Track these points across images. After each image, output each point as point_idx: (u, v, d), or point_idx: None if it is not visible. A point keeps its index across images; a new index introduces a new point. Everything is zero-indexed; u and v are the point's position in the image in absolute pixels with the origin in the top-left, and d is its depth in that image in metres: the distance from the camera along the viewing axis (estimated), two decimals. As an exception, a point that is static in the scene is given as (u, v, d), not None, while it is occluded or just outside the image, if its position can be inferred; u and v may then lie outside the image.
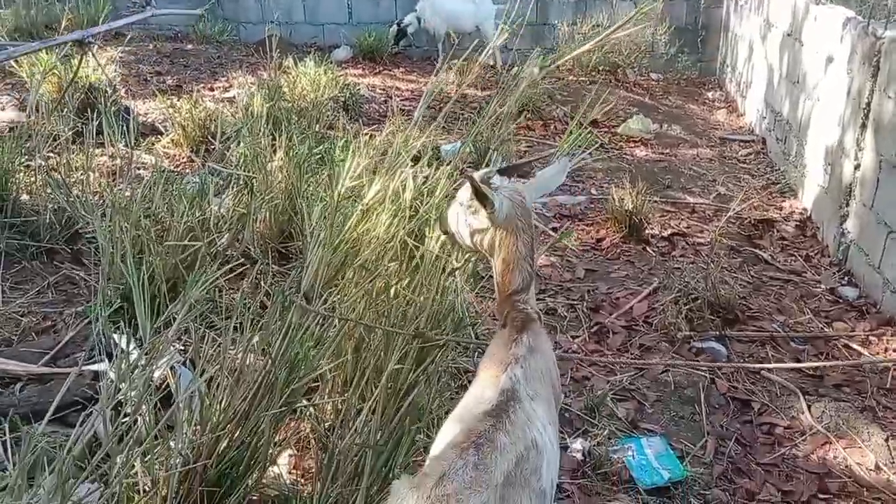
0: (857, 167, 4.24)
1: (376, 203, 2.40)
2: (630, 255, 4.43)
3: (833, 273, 4.26)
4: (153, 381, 2.27)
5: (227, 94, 6.91)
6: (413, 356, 2.31)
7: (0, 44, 4.16)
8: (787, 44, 5.95)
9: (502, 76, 7.94)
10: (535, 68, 7.13)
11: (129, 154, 3.68)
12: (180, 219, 3.25)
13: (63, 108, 4.64)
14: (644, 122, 6.75)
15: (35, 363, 2.82)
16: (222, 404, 2.09)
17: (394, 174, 2.43)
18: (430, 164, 3.19)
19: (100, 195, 3.80)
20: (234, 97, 6.45)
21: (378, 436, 2.11)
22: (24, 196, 3.86)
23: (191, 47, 8.95)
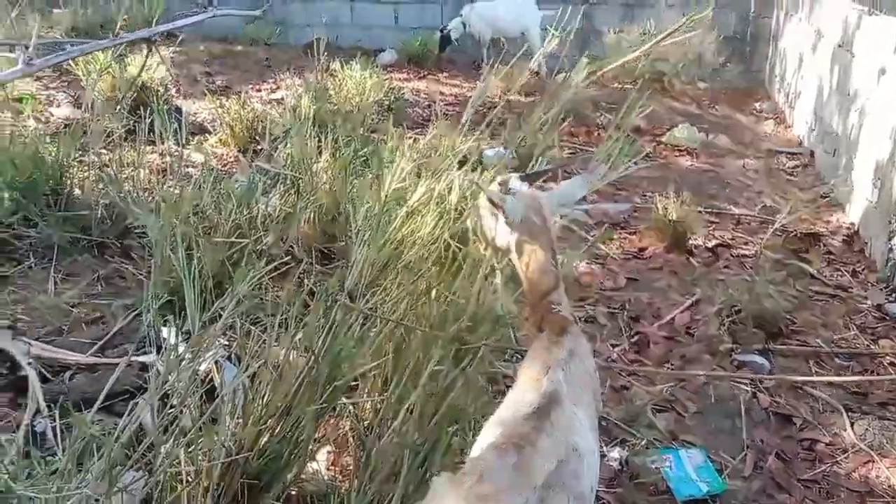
0: (910, 182, 4.15)
1: (421, 205, 2.42)
2: (673, 265, 4.40)
3: (880, 289, 4.17)
4: (199, 375, 2.33)
5: (274, 95, 7.02)
6: (452, 359, 2.32)
7: (71, 41, 4.27)
8: (839, 55, 5.85)
9: (547, 83, 7.94)
10: (579, 75, 7.12)
11: (180, 152, 3.76)
12: (228, 217, 3.31)
13: (117, 106, 4.76)
14: (690, 132, 6.68)
15: (84, 353, 2.90)
16: (265, 399, 2.13)
17: (439, 177, 2.45)
18: (475, 168, 3.21)
19: (150, 192, 3.89)
20: (281, 98, 6.55)
21: (416, 436, 2.13)
22: (77, 191, 3.96)
23: (240, 49, 9.11)
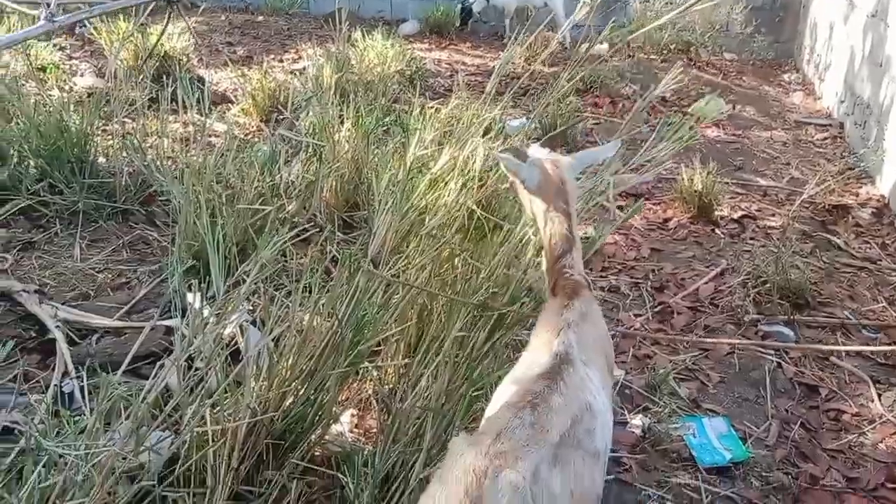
0: (942, 152, 4.06)
1: (444, 173, 2.41)
2: (698, 235, 4.35)
3: (910, 262, 4.11)
4: (223, 338, 2.34)
5: (296, 65, 6.99)
6: (475, 325, 2.32)
7: (90, 1, 4.27)
8: (871, 25, 5.71)
9: (571, 53, 7.84)
10: (604, 45, 7.02)
11: (203, 121, 3.76)
12: (251, 184, 3.32)
13: (139, 75, 4.77)
14: (717, 103, 6.58)
15: (110, 317, 2.93)
16: (289, 362, 2.14)
17: (463, 145, 2.43)
18: (497, 138, 3.18)
19: (173, 160, 3.91)
20: (303, 68, 6.53)
21: (439, 401, 2.14)
22: (102, 159, 3.99)
23: (261, 19, 9.08)
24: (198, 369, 2.11)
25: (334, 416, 2.27)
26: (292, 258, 3.10)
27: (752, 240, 4.30)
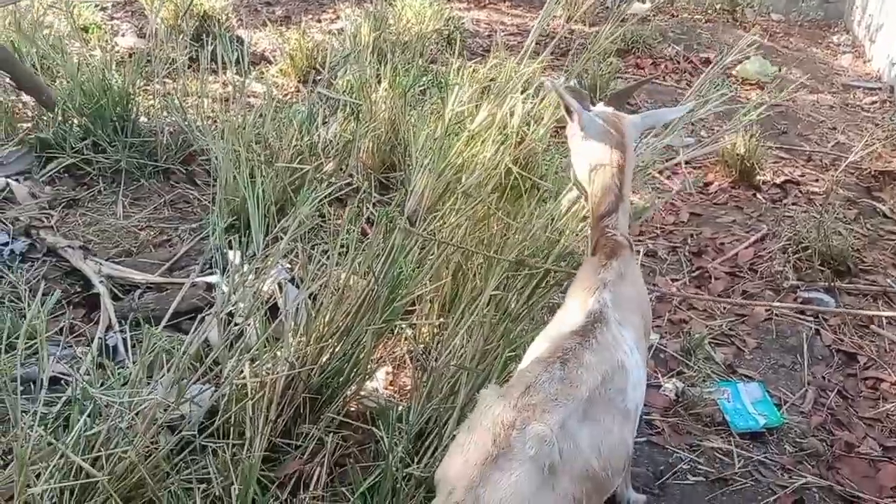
0: None
1: (482, 129, 2.40)
2: (739, 200, 4.28)
3: (958, 229, 4.00)
4: (262, 294, 2.38)
5: (333, 25, 6.96)
6: (510, 285, 2.33)
7: None
8: (928, -18, 5.50)
9: (612, 12, 7.69)
10: (645, 4, 6.87)
11: (242, 81, 3.78)
12: (289, 143, 3.34)
13: (179, 35, 4.79)
14: (762, 65, 6.41)
15: (152, 273, 3.00)
16: (325, 318, 2.17)
17: (502, 102, 2.41)
18: (535, 95, 3.14)
19: (213, 120, 3.94)
20: (341, 28, 6.50)
21: (474, 359, 2.16)
22: (143, 118, 4.04)
23: (300, -21, 9.03)
24: (237, 324, 2.16)
25: (369, 373, 2.31)
26: (329, 217, 3.13)
27: (794, 205, 4.22)
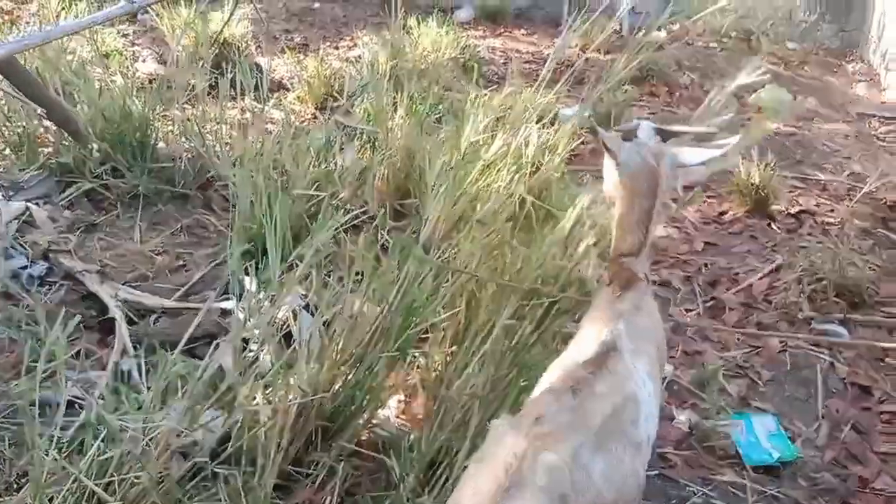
0: None
1: (497, 159, 2.42)
2: (753, 230, 4.27)
3: (975, 262, 3.97)
4: (277, 320, 2.40)
5: (351, 52, 7.05)
6: (524, 314, 2.33)
7: None
8: (943, 13, 5.51)
9: (628, 40, 7.74)
10: (661, 32, 6.91)
11: (262, 108, 3.83)
12: (306, 170, 3.37)
13: (199, 62, 4.87)
14: (777, 93, 6.42)
15: (168, 298, 3.02)
16: (339, 346, 2.18)
17: (517, 131, 2.44)
18: (551, 125, 3.17)
19: (230, 146, 3.99)
20: (358, 56, 6.58)
21: (486, 388, 2.16)
22: (162, 144, 4.09)
23: (318, 6, 9.16)
24: (251, 351, 2.18)
25: (382, 401, 2.31)
26: (344, 245, 3.16)
27: (809, 235, 4.21)
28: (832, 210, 4.55)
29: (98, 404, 1.99)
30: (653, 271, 3.74)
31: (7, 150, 3.89)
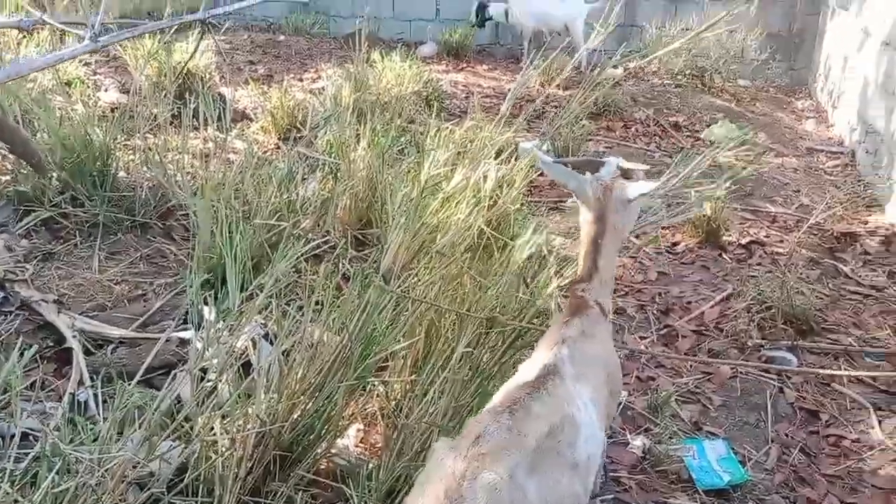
0: (951, 183, 4.09)
1: (457, 192, 2.48)
2: (705, 260, 4.40)
3: (917, 291, 4.13)
4: (236, 350, 2.41)
5: (315, 84, 7.12)
6: (482, 342, 2.38)
7: (130, 21, 4.39)
8: (885, 53, 5.76)
9: (586, 77, 7.93)
10: (618, 69, 7.10)
11: (224, 138, 3.85)
12: (268, 200, 3.40)
13: (162, 92, 4.88)
14: (729, 128, 6.63)
15: (126, 328, 3.01)
16: (298, 375, 2.20)
17: (476, 166, 2.51)
18: (509, 160, 3.25)
19: (192, 175, 4.00)
20: (322, 88, 6.64)
21: (445, 417, 2.19)
22: (123, 173, 4.09)
23: (283, 38, 9.23)
24: (209, 380, 2.18)
25: (341, 430, 2.33)
26: (305, 274, 3.18)
27: (758, 265, 4.34)
28: (781, 241, 4.70)
29: (53, 435, 1.98)
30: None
31: (-36, 179, 3.86)
